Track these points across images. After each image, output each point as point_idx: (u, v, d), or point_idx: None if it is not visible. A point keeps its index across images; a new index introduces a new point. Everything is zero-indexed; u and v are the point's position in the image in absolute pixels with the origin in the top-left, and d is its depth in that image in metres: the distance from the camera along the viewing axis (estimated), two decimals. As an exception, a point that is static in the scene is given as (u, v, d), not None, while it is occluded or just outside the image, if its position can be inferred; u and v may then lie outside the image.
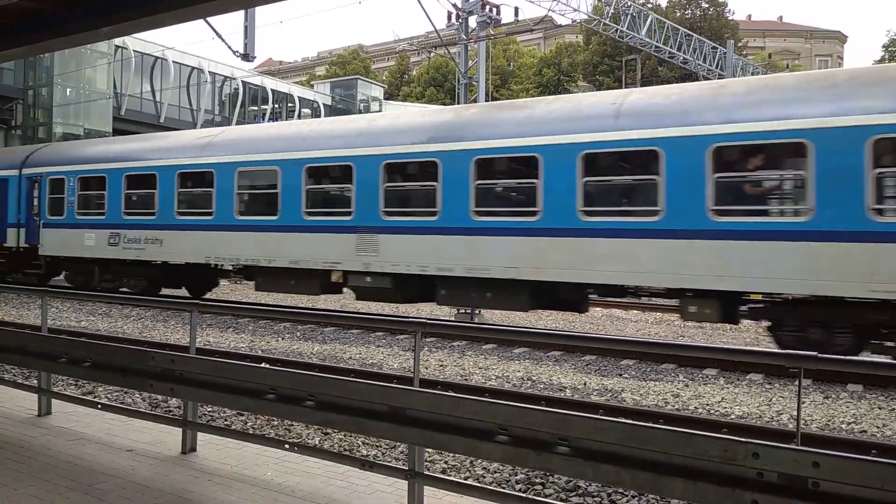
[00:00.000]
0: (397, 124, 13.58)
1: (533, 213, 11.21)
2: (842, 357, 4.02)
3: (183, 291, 18.12)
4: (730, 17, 56.39)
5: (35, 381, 7.00)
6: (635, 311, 17.73)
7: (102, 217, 17.33)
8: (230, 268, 16.28)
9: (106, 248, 17.16)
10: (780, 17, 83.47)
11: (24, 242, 19.32)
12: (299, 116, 44.02)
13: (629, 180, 11.28)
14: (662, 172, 10.11)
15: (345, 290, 14.45)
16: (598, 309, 17.49)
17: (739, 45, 50.17)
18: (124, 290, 17.45)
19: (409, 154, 12.64)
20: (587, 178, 10.78)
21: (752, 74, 34.29)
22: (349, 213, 13.09)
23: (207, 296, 18.37)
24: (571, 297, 11.93)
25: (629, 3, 28.12)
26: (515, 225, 11.50)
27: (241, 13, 20.27)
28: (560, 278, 11.07)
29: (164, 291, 17.82)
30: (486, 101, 23.31)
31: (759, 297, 10.32)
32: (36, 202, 19.09)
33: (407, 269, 12.47)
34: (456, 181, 11.92)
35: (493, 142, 11.74)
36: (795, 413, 4.26)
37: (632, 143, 10.43)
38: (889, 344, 9.44)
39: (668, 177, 10.07)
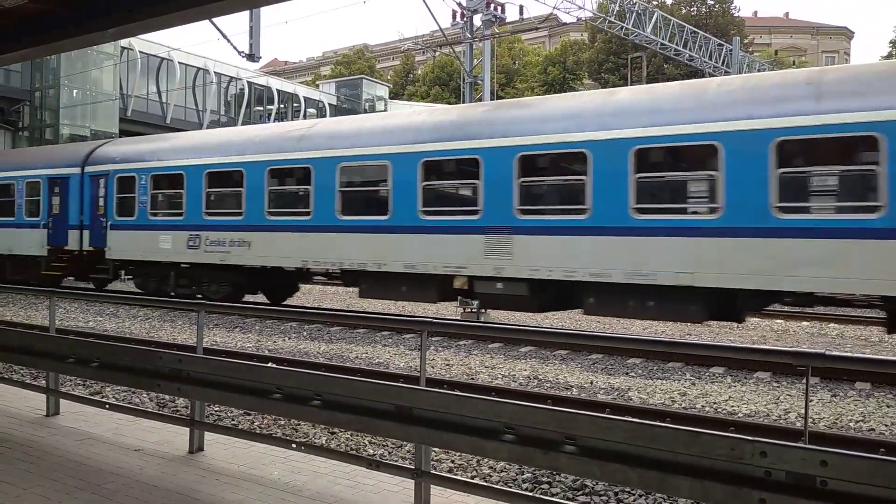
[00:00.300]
0: (531, 112, 12.17)
1: (713, 211, 10.01)
2: (849, 355, 4.01)
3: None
4: (735, 14, 56.30)
5: (43, 382, 7.03)
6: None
7: (180, 218, 16.04)
8: (325, 272, 14.74)
9: (185, 252, 15.86)
10: (786, 14, 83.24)
11: (88, 246, 18.03)
12: (304, 116, 44.07)
13: (838, 171, 9.75)
14: (883, 161, 8.84)
15: (460, 298, 13.37)
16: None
17: (745, 41, 49.99)
18: (202, 296, 16.00)
19: (549, 145, 11.22)
20: (783, 170, 9.43)
21: (759, 72, 34.15)
22: (476, 212, 11.82)
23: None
24: (752, 305, 10.73)
25: (634, 1, 28.04)
26: (690, 224, 10.22)
27: (247, 14, 20.33)
28: (748, 285, 9.73)
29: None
30: (491, 99, 23.25)
31: None
32: (101, 202, 17.71)
33: (549, 274, 11.11)
34: (610, 174, 10.57)
35: (654, 129, 10.34)
36: (803, 411, 4.24)
37: (842, 128, 9.11)
38: None
39: (893, 166, 8.77)
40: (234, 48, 20.32)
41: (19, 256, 19.56)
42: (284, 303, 17.19)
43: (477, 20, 22.31)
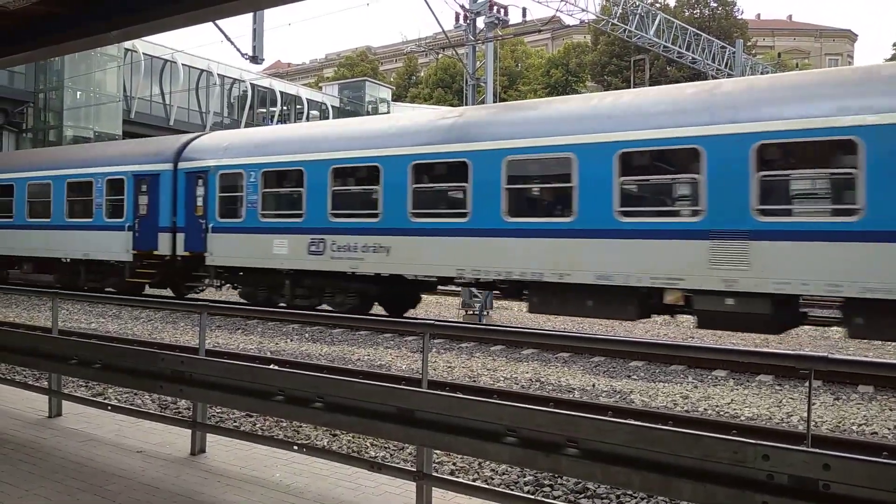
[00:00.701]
0: (767, 92, 10.27)
1: None
2: (852, 358, 4.00)
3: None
4: (738, 17, 56.26)
5: (46, 383, 7.04)
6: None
7: (299, 220, 14.25)
8: (477, 282, 12.98)
9: (305, 258, 14.11)
10: (790, 16, 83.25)
11: (183, 250, 16.23)
12: (307, 118, 44.13)
13: None
14: None
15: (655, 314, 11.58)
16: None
17: (748, 44, 49.97)
18: (326, 308, 14.64)
19: (803, 132, 9.32)
20: None
21: (762, 74, 34.14)
22: (696, 213, 10.14)
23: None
24: None
25: (637, 3, 28.02)
26: None
27: (250, 16, 20.34)
28: None
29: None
30: (494, 102, 23.26)
31: None
32: (200, 202, 15.80)
33: (803, 288, 9.43)
34: (891, 167, 8.75)
35: None
36: (805, 414, 4.23)
37: None
38: None
39: None
40: (238, 50, 20.29)
41: (98, 262, 17.95)
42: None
43: (480, 23, 22.29)
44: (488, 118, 12.87)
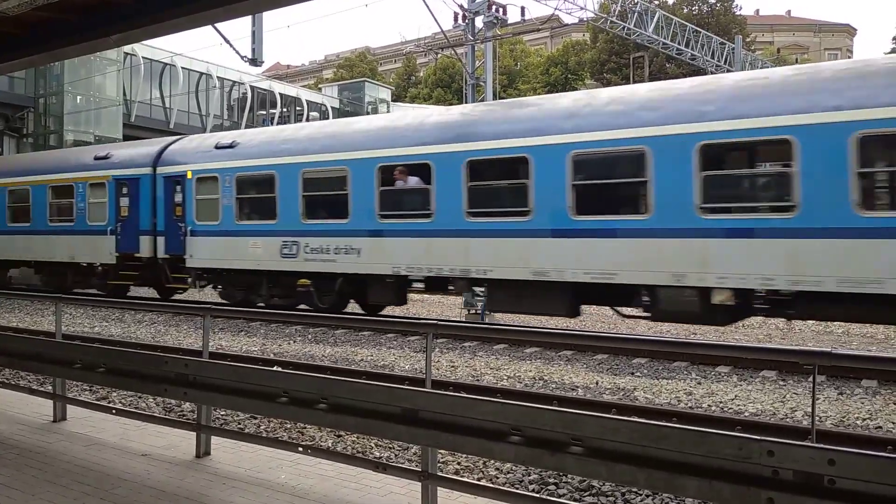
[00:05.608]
0: None
1: None
2: (856, 353, 4.00)
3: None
4: (737, 13, 56.20)
5: (50, 388, 7.05)
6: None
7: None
8: None
9: None
10: (788, 12, 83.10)
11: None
12: (307, 120, 44.12)
13: None
14: None
15: None
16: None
17: (747, 40, 49.91)
18: None
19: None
20: None
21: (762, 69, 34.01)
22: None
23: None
24: None
25: (636, 1, 28.01)
26: None
27: (249, 18, 20.33)
28: None
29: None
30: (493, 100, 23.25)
31: None
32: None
33: None
34: None
35: None
36: (810, 410, 4.23)
37: None
38: None
39: None
40: (237, 52, 20.28)
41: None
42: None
43: (478, 22, 22.28)
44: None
